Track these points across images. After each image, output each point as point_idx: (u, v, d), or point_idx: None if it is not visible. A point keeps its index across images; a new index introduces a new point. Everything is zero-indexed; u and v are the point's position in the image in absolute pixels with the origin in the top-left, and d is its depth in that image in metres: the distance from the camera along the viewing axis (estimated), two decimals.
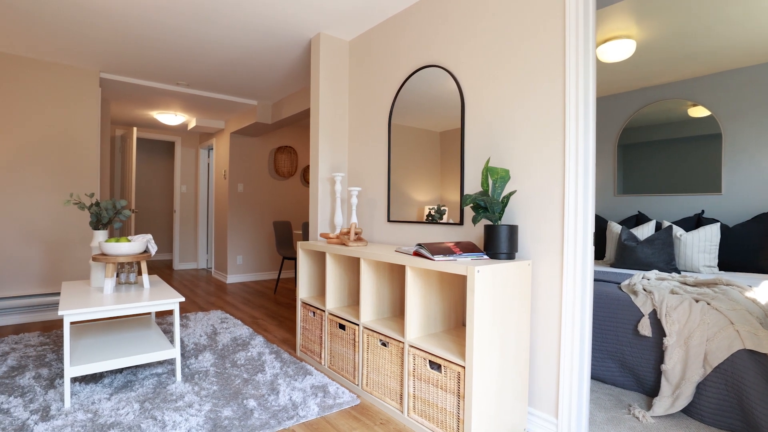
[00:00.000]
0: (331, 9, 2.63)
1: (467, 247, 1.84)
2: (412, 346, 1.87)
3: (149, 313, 2.88)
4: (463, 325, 2.12)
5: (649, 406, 2.07)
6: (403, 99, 2.57)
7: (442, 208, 2.29)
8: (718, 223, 3.05)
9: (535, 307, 1.83)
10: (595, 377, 2.36)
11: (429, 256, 1.76)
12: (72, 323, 2.79)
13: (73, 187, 3.73)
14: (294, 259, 4.70)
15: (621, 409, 2.04)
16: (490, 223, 1.93)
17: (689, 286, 2.42)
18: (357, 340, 2.21)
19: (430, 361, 1.78)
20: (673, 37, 2.90)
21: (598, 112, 4.25)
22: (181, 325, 3.35)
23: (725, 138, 3.45)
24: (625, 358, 2.23)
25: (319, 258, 2.82)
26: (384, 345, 2.03)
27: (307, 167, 6.29)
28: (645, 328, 2.13)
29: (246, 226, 5.73)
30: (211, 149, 6.71)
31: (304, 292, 2.75)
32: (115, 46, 3.26)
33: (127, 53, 3.39)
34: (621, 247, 3.21)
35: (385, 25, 2.75)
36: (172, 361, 2.58)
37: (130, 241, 2.41)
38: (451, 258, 1.75)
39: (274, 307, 4.15)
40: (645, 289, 2.30)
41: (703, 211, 3.47)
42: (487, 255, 1.81)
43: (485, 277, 1.61)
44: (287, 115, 4.55)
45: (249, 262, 5.76)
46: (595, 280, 2.65)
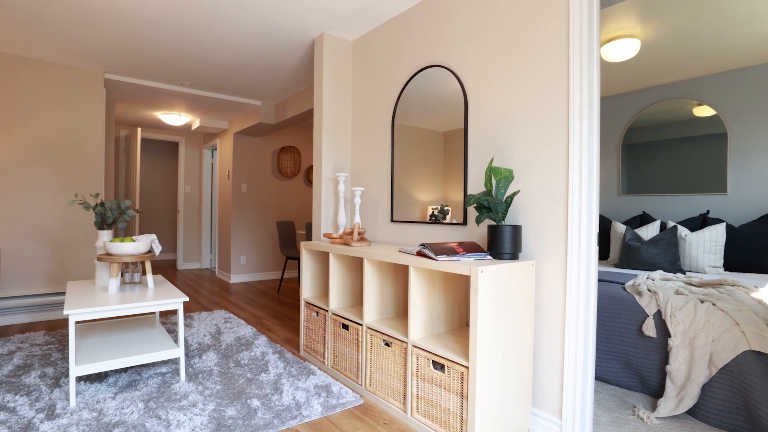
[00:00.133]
0: (334, 9, 2.63)
1: (470, 248, 1.84)
2: (415, 347, 1.87)
3: (153, 312, 2.90)
4: (467, 325, 2.12)
5: (653, 407, 2.06)
6: (406, 99, 2.57)
7: (446, 208, 2.29)
8: (724, 224, 3.03)
9: (538, 308, 1.83)
10: (599, 378, 2.35)
11: (432, 256, 1.76)
12: (77, 322, 2.81)
13: (78, 188, 3.75)
14: (297, 259, 4.71)
15: (625, 410, 2.03)
16: (494, 223, 1.93)
17: (694, 286, 2.40)
18: (360, 340, 2.21)
19: (433, 361, 1.78)
20: (678, 36, 2.88)
21: (603, 112, 4.23)
22: (185, 325, 3.37)
23: (731, 137, 3.43)
24: (629, 358, 2.22)
25: (322, 258, 2.82)
26: (387, 345, 2.03)
27: (311, 167, 6.30)
28: (649, 329, 2.12)
29: (249, 226, 5.75)
30: (215, 149, 6.73)
31: (307, 292, 2.76)
32: (119, 48, 3.28)
33: (131, 54, 3.41)
34: (625, 248, 3.20)
35: (388, 26, 2.75)
36: (176, 361, 2.59)
37: (134, 241, 2.42)
38: (454, 258, 1.74)
39: (277, 307, 4.16)
40: (649, 290, 2.28)
41: (708, 211, 3.45)
42: (490, 255, 1.81)
43: (489, 278, 1.61)
44: (290, 115, 4.56)
45: (252, 262, 5.77)
46: (599, 281, 2.64)
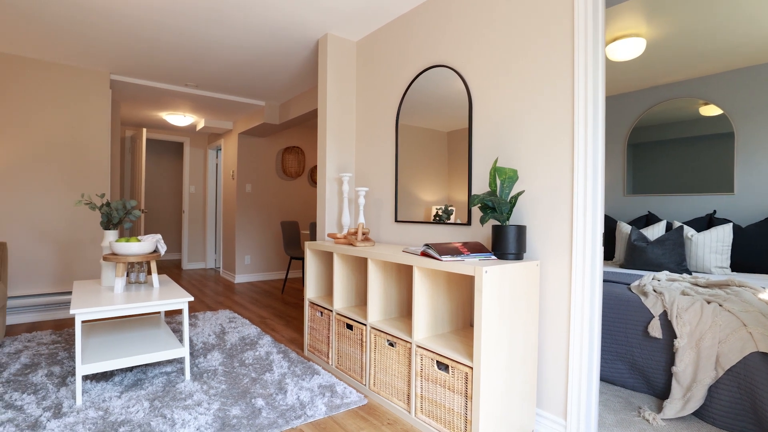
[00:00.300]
0: (338, 10, 2.63)
1: (475, 248, 1.83)
2: (419, 347, 1.87)
3: (159, 312, 2.91)
4: (471, 325, 2.11)
5: (659, 409, 2.04)
6: (411, 99, 2.57)
7: (450, 209, 2.29)
8: (731, 224, 3.01)
9: (543, 308, 1.82)
10: (604, 379, 2.34)
11: (436, 256, 1.76)
12: (83, 322, 2.83)
13: (84, 188, 3.78)
14: (301, 259, 4.72)
15: (631, 411, 2.02)
16: (498, 223, 1.93)
17: (701, 287, 2.39)
18: (364, 340, 2.21)
19: (437, 361, 1.77)
20: (684, 35, 2.86)
21: (608, 111, 4.21)
22: (190, 325, 3.38)
23: (738, 137, 3.40)
24: (634, 359, 2.21)
25: (326, 258, 2.82)
26: (391, 345, 2.03)
27: (315, 167, 6.31)
28: (655, 330, 2.11)
29: (254, 226, 5.77)
30: (220, 150, 6.76)
31: (311, 292, 2.76)
32: (125, 49, 3.30)
33: (136, 55, 3.43)
34: (631, 248, 3.18)
35: (392, 26, 2.75)
36: (181, 360, 2.60)
37: (140, 241, 2.44)
38: (458, 258, 1.74)
39: (281, 307, 4.17)
40: (655, 290, 2.27)
41: (715, 211, 3.42)
42: (495, 255, 1.80)
43: (493, 278, 1.60)
44: (295, 115, 4.57)
45: (257, 262, 5.79)
46: (604, 281, 2.63)
